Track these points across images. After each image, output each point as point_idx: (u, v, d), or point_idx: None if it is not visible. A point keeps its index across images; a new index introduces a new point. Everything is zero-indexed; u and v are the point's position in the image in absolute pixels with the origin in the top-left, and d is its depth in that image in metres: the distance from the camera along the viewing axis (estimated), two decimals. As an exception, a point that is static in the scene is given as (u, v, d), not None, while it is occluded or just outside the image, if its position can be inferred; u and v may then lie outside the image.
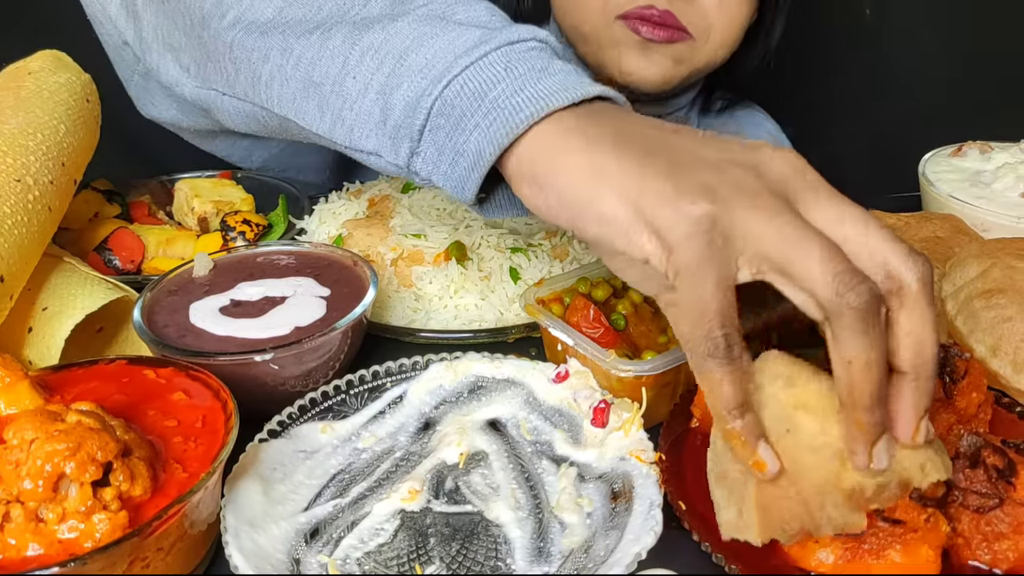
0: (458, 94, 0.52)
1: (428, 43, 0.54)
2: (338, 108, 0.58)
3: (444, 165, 0.54)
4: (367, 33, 0.56)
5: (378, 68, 0.55)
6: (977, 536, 0.52)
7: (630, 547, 0.52)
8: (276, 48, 0.61)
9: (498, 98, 0.51)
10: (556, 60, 0.54)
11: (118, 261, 0.86)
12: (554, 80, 0.51)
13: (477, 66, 0.52)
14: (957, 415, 0.61)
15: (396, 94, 0.54)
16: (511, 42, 0.53)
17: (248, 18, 0.62)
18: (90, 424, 0.50)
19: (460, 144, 0.53)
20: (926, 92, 1.54)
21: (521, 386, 0.67)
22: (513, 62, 0.52)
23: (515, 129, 0.50)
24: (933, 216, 0.89)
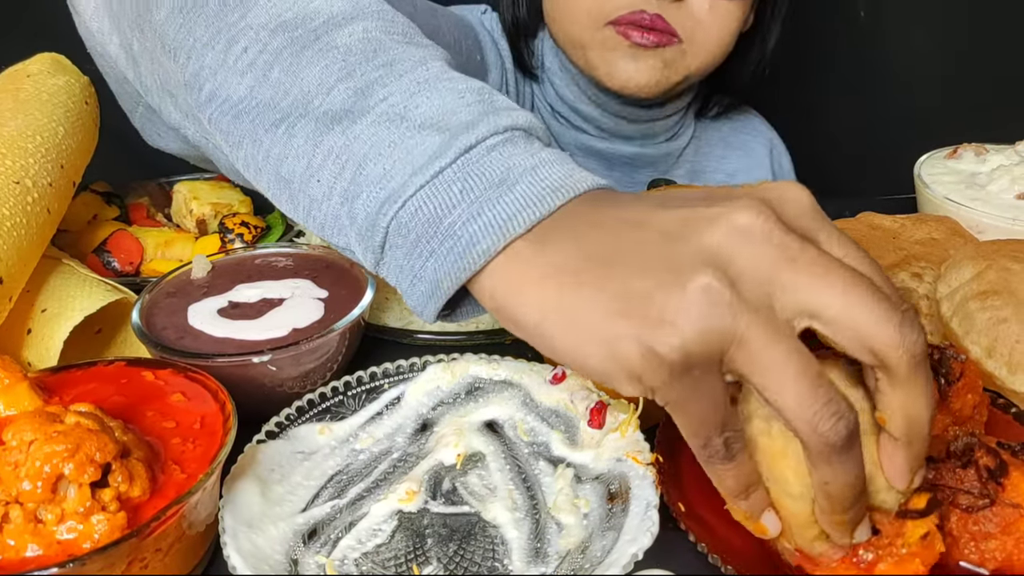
0: (413, 216, 0.49)
1: (385, 152, 0.51)
2: (307, 206, 0.56)
3: (404, 284, 0.52)
4: (328, 135, 0.53)
5: (339, 174, 0.53)
6: (965, 535, 0.52)
7: (627, 548, 0.52)
8: (248, 137, 0.58)
9: (453, 224, 0.48)
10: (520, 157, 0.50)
11: (116, 263, 0.86)
12: (514, 195, 0.47)
13: (432, 185, 0.49)
14: (952, 417, 0.61)
15: (357, 203, 0.52)
16: (469, 147, 0.49)
17: (222, 95, 0.59)
18: (89, 425, 0.50)
19: (417, 269, 0.50)
20: (921, 94, 1.54)
21: (518, 387, 0.67)
22: (471, 176, 0.49)
23: (472, 264, 0.48)
24: (928, 218, 0.89)
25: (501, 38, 1.15)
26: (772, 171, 1.29)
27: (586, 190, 0.49)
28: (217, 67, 0.59)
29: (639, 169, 1.21)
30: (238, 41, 0.58)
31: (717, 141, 1.28)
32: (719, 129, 1.28)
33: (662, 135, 1.20)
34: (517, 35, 1.15)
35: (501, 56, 1.15)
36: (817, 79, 1.53)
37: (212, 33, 0.60)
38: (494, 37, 1.15)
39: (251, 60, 0.58)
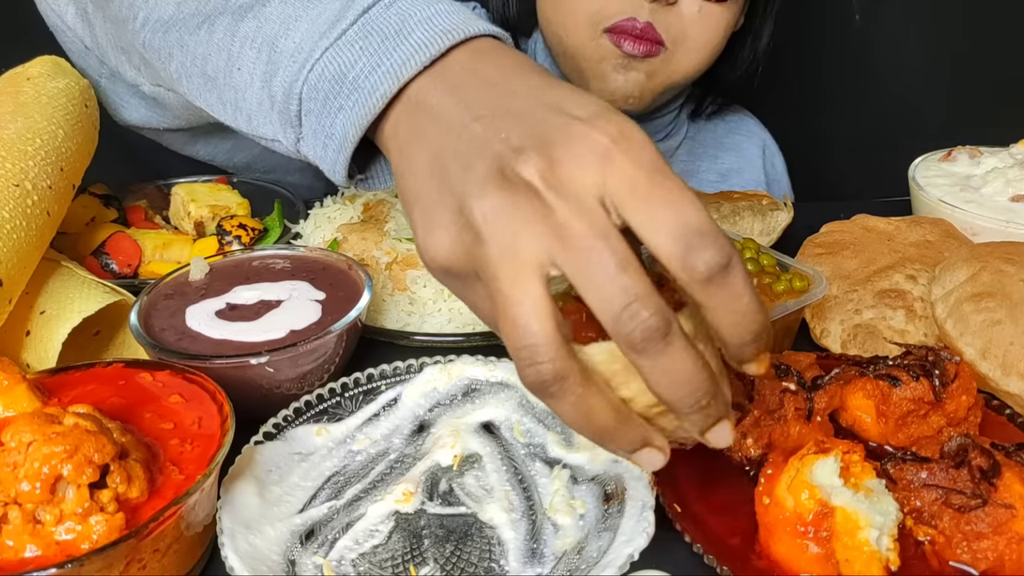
0: (320, 77, 0.52)
1: (294, 26, 0.54)
2: (234, 99, 0.59)
3: (319, 148, 0.54)
4: (242, 23, 0.57)
5: (257, 57, 0.56)
6: (957, 535, 0.52)
7: (623, 548, 0.52)
8: (176, 45, 0.62)
9: (357, 78, 0.51)
10: (418, 8, 0.52)
11: (115, 265, 0.87)
12: (408, 43, 0.50)
13: (336, 46, 0.52)
14: (947, 418, 0.61)
15: (275, 81, 0.55)
16: (368, 7, 0.52)
17: (154, 17, 0.63)
18: (87, 427, 0.50)
19: (327, 127, 0.53)
20: (916, 97, 1.55)
21: (514, 389, 0.67)
22: (370, 33, 0.52)
23: (373, 109, 0.50)
24: (923, 220, 0.90)
25: None
26: (765, 172, 1.30)
27: (477, 34, 0.51)
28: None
29: None
30: None
31: (710, 142, 1.28)
32: (712, 130, 1.29)
33: (654, 135, 1.20)
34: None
35: None
36: (812, 81, 1.54)
37: None
38: None
39: None
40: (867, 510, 0.50)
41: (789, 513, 0.51)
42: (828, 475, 0.51)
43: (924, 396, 0.61)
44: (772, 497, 0.52)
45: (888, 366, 0.63)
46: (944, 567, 0.52)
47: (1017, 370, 0.66)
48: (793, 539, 0.50)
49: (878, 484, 0.53)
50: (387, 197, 0.93)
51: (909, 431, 0.62)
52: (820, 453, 0.52)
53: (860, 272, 0.80)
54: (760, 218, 0.93)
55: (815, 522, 0.50)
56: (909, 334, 0.74)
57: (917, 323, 0.75)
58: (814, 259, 0.84)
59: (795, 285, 0.73)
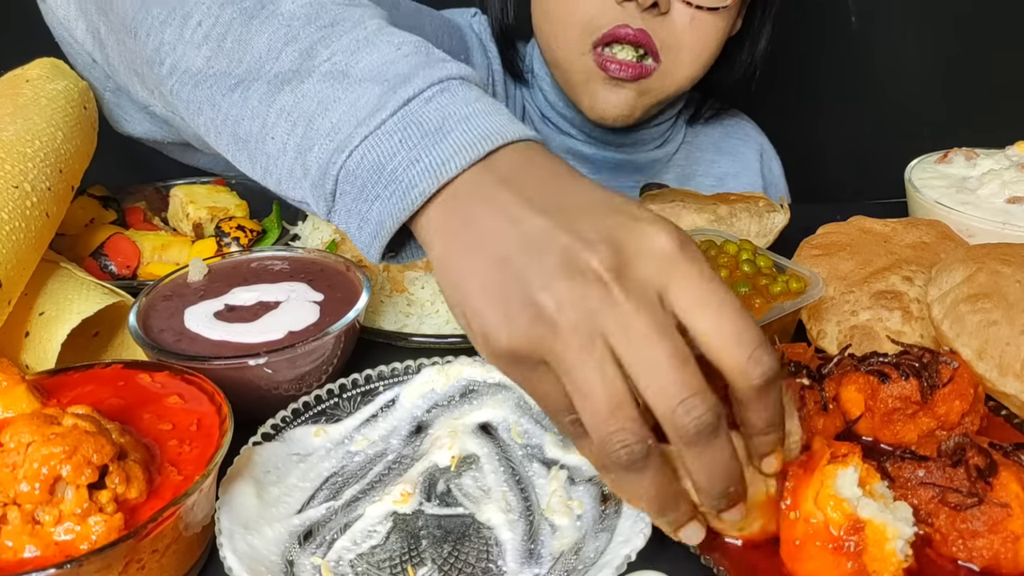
0: (359, 164, 0.53)
1: (332, 107, 0.55)
2: (264, 163, 0.60)
3: (353, 227, 0.55)
4: (279, 95, 0.57)
5: (292, 130, 0.57)
6: (953, 533, 0.53)
7: (620, 549, 0.52)
8: (206, 103, 0.62)
9: (395, 171, 0.52)
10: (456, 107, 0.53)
11: (114, 266, 0.87)
12: (448, 143, 0.51)
13: (375, 136, 0.53)
14: (937, 421, 0.62)
15: (309, 156, 0.56)
16: (408, 99, 0.53)
17: (182, 67, 0.63)
18: (86, 427, 0.50)
19: (364, 212, 0.54)
20: (912, 100, 1.55)
21: (512, 390, 0.68)
22: (410, 126, 0.53)
23: (412, 205, 0.51)
24: (919, 222, 0.90)
25: (490, 41, 1.16)
26: (762, 175, 1.30)
27: (515, 139, 0.53)
28: (175, 42, 0.63)
29: (627, 174, 1.21)
30: (192, 16, 0.62)
31: (708, 146, 1.28)
32: (710, 134, 1.29)
33: (651, 143, 1.20)
34: (505, 41, 1.16)
35: (488, 58, 1.15)
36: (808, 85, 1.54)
37: (168, 10, 0.64)
38: (482, 40, 1.16)
39: (205, 33, 0.62)
40: (892, 521, 0.50)
41: (818, 528, 0.50)
42: (850, 486, 0.51)
43: (912, 396, 0.61)
44: (799, 512, 0.51)
45: (881, 363, 0.63)
46: (946, 563, 0.53)
47: (1013, 370, 0.66)
48: (826, 554, 0.50)
49: (884, 488, 0.53)
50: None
51: (895, 429, 0.62)
52: (839, 462, 0.52)
53: (856, 273, 0.81)
54: (757, 220, 0.93)
55: (846, 536, 0.50)
56: (905, 335, 0.75)
57: (913, 324, 0.75)
58: (810, 261, 0.84)
59: (792, 286, 0.73)
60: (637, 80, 1.01)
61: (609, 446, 0.45)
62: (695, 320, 0.45)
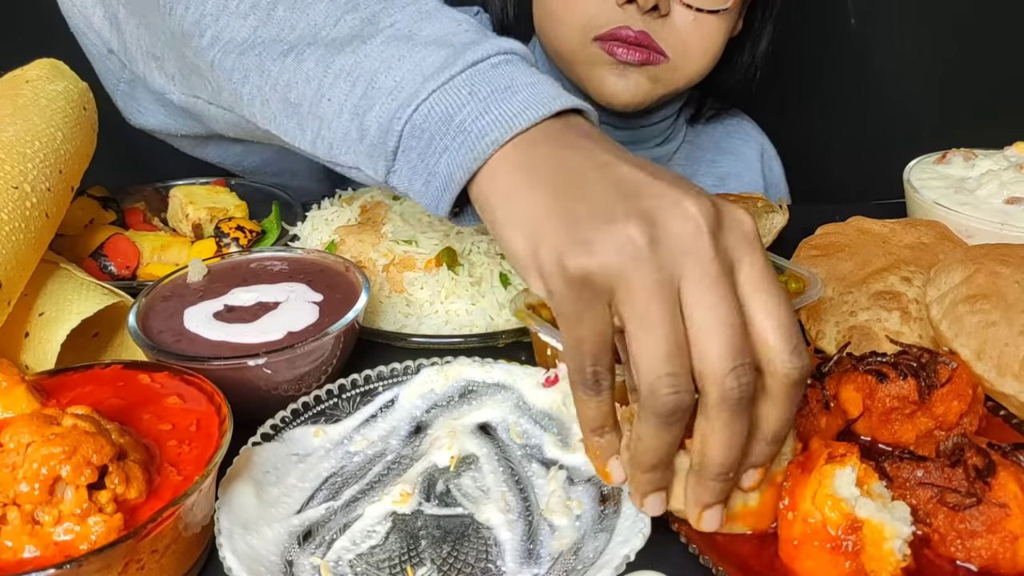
0: (426, 117, 0.54)
1: (396, 66, 0.56)
2: (316, 127, 0.60)
3: (418, 183, 0.56)
4: (339, 56, 0.58)
5: (351, 90, 0.57)
6: (951, 533, 0.53)
7: (619, 549, 0.52)
8: (254, 69, 0.62)
9: (464, 121, 0.53)
10: (521, 74, 0.55)
11: (113, 267, 0.87)
12: (518, 99, 0.53)
13: (443, 90, 0.54)
14: (935, 421, 0.62)
15: (369, 115, 0.56)
16: (475, 62, 0.55)
17: (225, 37, 0.64)
18: (86, 428, 0.50)
19: (431, 165, 0.55)
20: (911, 100, 1.55)
21: (511, 390, 0.68)
22: (478, 83, 0.54)
23: (483, 154, 0.52)
24: (918, 222, 0.90)
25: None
26: (763, 175, 1.30)
27: (581, 107, 0.55)
28: (219, 13, 0.64)
29: None
30: None
31: (709, 145, 1.28)
32: (711, 134, 1.29)
33: (652, 140, 1.20)
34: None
35: None
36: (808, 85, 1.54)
37: None
38: None
39: (253, 3, 0.63)
40: (890, 520, 0.50)
41: (816, 527, 0.51)
42: (847, 485, 0.51)
43: (909, 396, 0.61)
44: (797, 512, 0.51)
45: (879, 362, 0.63)
46: (944, 563, 0.53)
47: (1012, 371, 0.66)
48: (824, 554, 0.50)
49: (882, 487, 0.53)
50: (384, 200, 0.93)
51: (893, 428, 0.62)
52: (836, 462, 0.52)
53: (855, 274, 0.81)
54: (755, 220, 0.93)
55: (844, 535, 0.50)
56: (904, 336, 0.75)
57: (912, 325, 0.75)
58: (809, 261, 0.84)
59: (790, 287, 0.73)
60: (644, 65, 1.01)
61: (660, 387, 0.45)
62: (754, 301, 0.46)
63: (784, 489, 0.53)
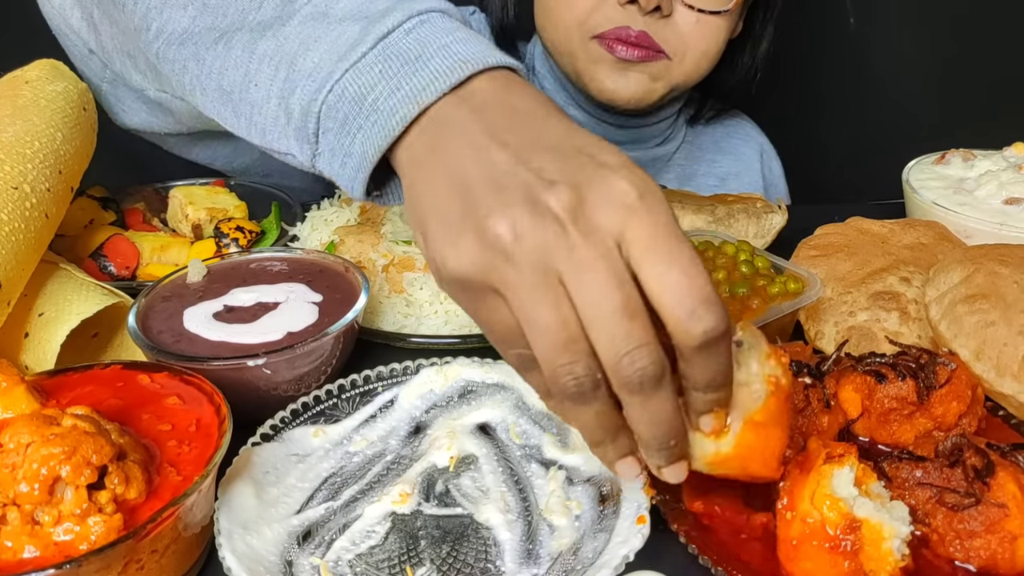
0: (340, 98, 0.54)
1: (313, 47, 0.56)
2: (248, 114, 0.60)
3: (336, 165, 0.56)
4: (261, 41, 0.59)
5: (275, 75, 0.57)
6: (950, 533, 0.53)
7: (618, 549, 0.52)
8: (191, 59, 0.63)
9: (376, 100, 0.53)
10: (435, 36, 0.54)
11: (113, 267, 0.87)
12: (427, 70, 0.52)
13: (355, 69, 0.54)
14: (934, 422, 0.62)
15: (292, 99, 0.56)
16: (386, 33, 0.54)
17: (168, 29, 0.65)
18: (85, 428, 0.50)
19: (347, 146, 0.54)
20: (910, 101, 1.55)
21: (510, 390, 0.68)
22: (389, 58, 0.53)
23: (392, 131, 0.52)
24: (917, 223, 0.90)
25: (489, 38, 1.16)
26: (762, 175, 1.30)
27: (494, 65, 0.53)
28: (162, 6, 0.65)
29: None
30: None
31: (709, 146, 1.29)
32: (711, 134, 1.29)
33: (651, 140, 1.21)
34: (504, 39, 1.16)
35: None
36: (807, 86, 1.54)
37: None
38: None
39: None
40: (889, 520, 0.50)
41: (815, 527, 0.51)
42: (846, 485, 0.51)
43: (908, 396, 0.61)
44: (796, 511, 0.51)
45: (878, 363, 0.63)
46: (943, 563, 0.53)
47: (1011, 371, 0.66)
48: (822, 553, 0.50)
49: (880, 487, 0.53)
50: (384, 200, 0.93)
51: (891, 429, 0.62)
52: (835, 462, 0.52)
53: (854, 274, 0.81)
54: (754, 221, 0.93)
55: (843, 535, 0.50)
56: (903, 336, 0.75)
57: (911, 325, 0.75)
58: (808, 261, 0.84)
59: (789, 287, 0.73)
60: (644, 62, 1.01)
61: (559, 377, 0.45)
62: (643, 271, 0.45)
63: (783, 488, 0.53)
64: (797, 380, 0.61)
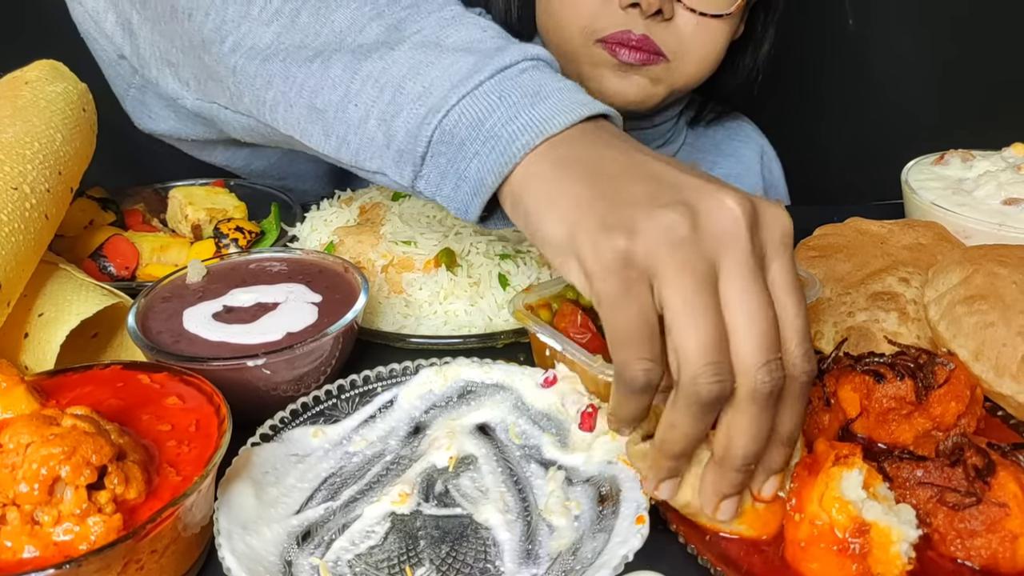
0: (456, 123, 0.55)
1: (424, 71, 0.57)
2: (342, 133, 0.61)
3: (447, 188, 0.57)
4: (366, 62, 0.59)
5: (378, 96, 0.58)
6: (951, 533, 0.53)
7: (617, 549, 0.52)
8: (278, 75, 0.63)
9: (494, 127, 0.54)
10: (549, 80, 0.56)
11: (113, 268, 0.87)
12: (547, 105, 0.54)
13: (473, 95, 0.55)
14: (933, 422, 0.62)
15: (397, 121, 0.57)
16: (503, 68, 0.56)
17: (248, 43, 0.64)
18: (85, 428, 0.50)
19: (462, 170, 0.55)
20: (909, 101, 1.55)
21: (510, 391, 0.68)
22: (507, 89, 0.55)
23: (513, 158, 0.53)
24: (916, 223, 0.90)
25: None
26: (762, 177, 1.30)
27: (607, 113, 0.56)
28: (240, 19, 0.65)
29: None
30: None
31: (709, 148, 1.29)
32: (711, 136, 1.30)
33: (652, 143, 1.21)
34: None
35: None
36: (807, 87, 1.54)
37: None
38: None
39: (276, 9, 0.64)
40: (897, 524, 0.50)
41: (824, 529, 0.51)
42: (855, 488, 0.51)
43: (906, 396, 0.61)
44: (804, 513, 0.51)
45: (877, 363, 0.64)
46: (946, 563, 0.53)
47: (1010, 372, 0.66)
48: (830, 556, 0.50)
49: (886, 489, 0.54)
50: (383, 201, 0.93)
51: (890, 429, 0.62)
52: (843, 464, 0.52)
53: (853, 275, 0.81)
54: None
55: (851, 538, 0.50)
56: (902, 336, 0.75)
57: (910, 325, 0.75)
58: (807, 262, 0.84)
59: (789, 288, 0.73)
60: (646, 65, 1.02)
61: (704, 376, 0.46)
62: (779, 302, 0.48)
63: (791, 490, 0.53)
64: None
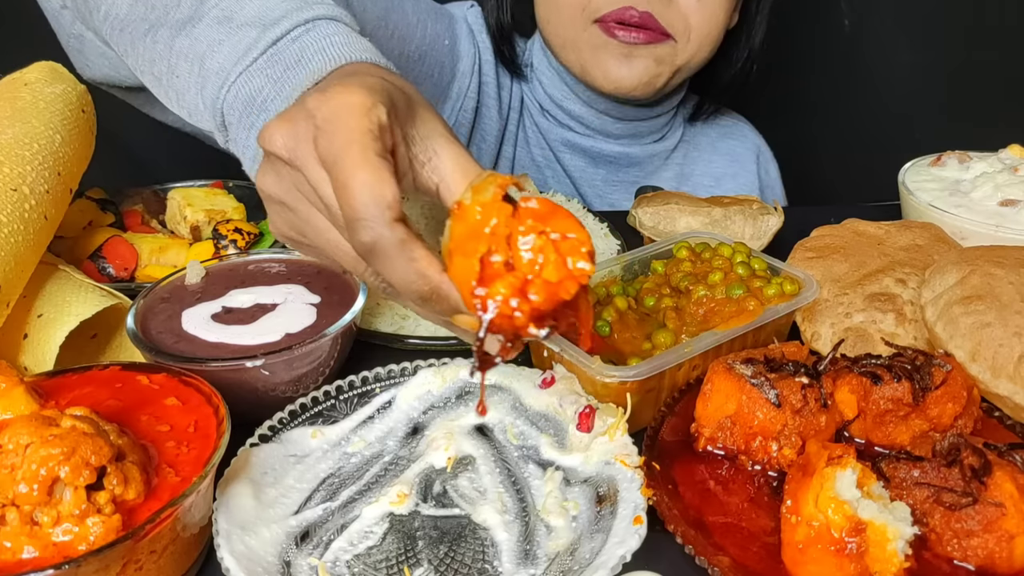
0: (236, 97, 0.62)
1: (218, 48, 0.63)
2: (176, 99, 0.68)
3: (246, 157, 0.63)
4: (178, 38, 0.66)
5: (190, 70, 0.65)
6: (948, 533, 0.53)
7: (615, 550, 0.52)
8: (129, 46, 0.71)
9: (265, 101, 0.61)
10: (316, 40, 0.61)
11: (112, 269, 0.87)
12: (304, 71, 0.60)
13: (247, 72, 0.62)
14: (930, 423, 0.62)
15: (205, 91, 0.64)
16: (276, 39, 0.62)
17: (112, 13, 0.72)
18: (84, 429, 0.50)
19: (244, 140, 0.62)
20: (906, 102, 1.56)
21: (508, 392, 0.68)
22: (274, 63, 0.61)
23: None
24: (913, 224, 0.90)
25: (481, 31, 1.17)
26: (758, 177, 1.31)
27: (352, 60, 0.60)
28: None
29: (624, 168, 1.22)
30: None
31: (706, 146, 1.29)
32: (708, 134, 1.30)
33: (649, 136, 1.21)
34: (501, 37, 1.17)
35: (477, 47, 1.16)
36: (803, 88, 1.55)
37: None
38: (473, 29, 1.17)
39: None
40: (893, 522, 0.51)
41: (820, 530, 0.51)
42: (849, 487, 0.52)
43: (904, 398, 0.62)
44: (800, 515, 0.51)
45: (874, 364, 0.64)
46: (943, 563, 0.53)
47: (1006, 372, 0.67)
48: (828, 556, 0.50)
49: (880, 488, 0.54)
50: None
51: (887, 430, 0.63)
52: (837, 464, 0.52)
53: (850, 276, 0.81)
54: (751, 222, 0.94)
55: (848, 538, 0.50)
56: (899, 337, 0.75)
57: (907, 326, 0.76)
58: (805, 263, 0.84)
59: (786, 289, 0.74)
60: (649, 44, 1.02)
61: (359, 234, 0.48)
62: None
63: (786, 491, 0.53)
64: (794, 380, 0.61)
